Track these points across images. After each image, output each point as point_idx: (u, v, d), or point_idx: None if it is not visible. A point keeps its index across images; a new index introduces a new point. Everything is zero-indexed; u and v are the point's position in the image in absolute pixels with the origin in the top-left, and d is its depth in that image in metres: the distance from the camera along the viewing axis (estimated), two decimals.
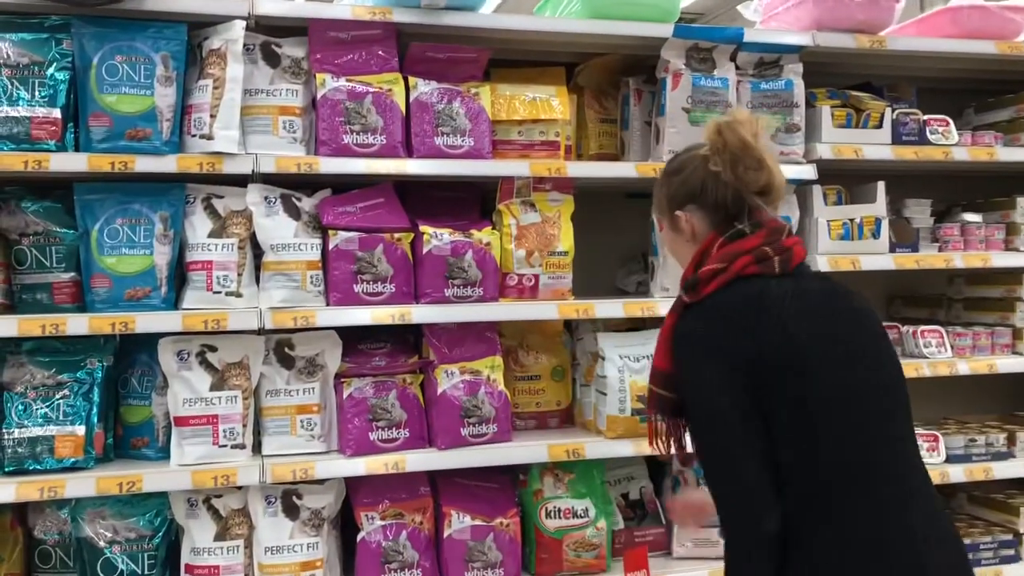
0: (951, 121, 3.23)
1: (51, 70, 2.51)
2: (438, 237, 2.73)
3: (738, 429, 1.71)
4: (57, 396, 2.56)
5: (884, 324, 3.30)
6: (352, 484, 2.75)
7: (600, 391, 2.89)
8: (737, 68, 3.01)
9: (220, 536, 2.61)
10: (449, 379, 2.76)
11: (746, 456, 1.70)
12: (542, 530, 2.81)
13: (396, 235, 2.74)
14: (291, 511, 2.64)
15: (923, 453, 3.04)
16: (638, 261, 3.32)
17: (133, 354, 2.72)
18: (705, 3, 9.55)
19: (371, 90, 2.70)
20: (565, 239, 2.87)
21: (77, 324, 2.46)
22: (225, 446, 2.60)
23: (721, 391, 1.72)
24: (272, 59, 2.69)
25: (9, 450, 2.50)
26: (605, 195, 3.29)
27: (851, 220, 3.10)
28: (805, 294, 1.81)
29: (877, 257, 3.11)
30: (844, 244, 3.09)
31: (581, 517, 2.84)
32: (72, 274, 2.60)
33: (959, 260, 3.21)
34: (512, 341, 3.02)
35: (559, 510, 2.81)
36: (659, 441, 1.99)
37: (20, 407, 2.53)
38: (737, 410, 1.71)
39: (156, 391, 2.69)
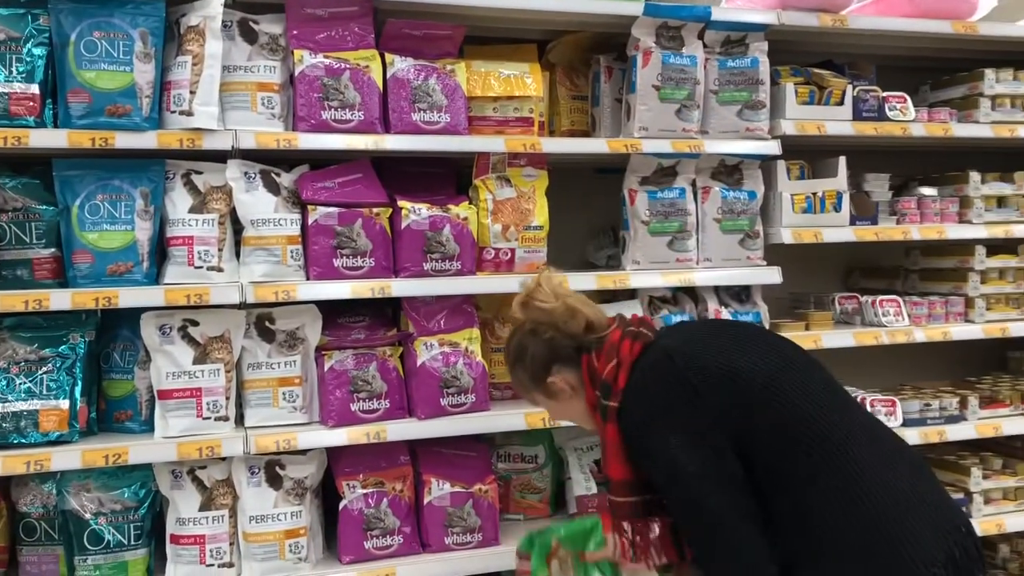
0: (908, 98, 3.34)
1: (28, 46, 2.51)
2: (416, 212, 2.79)
3: (719, 489, 1.80)
4: (40, 371, 2.58)
5: (844, 295, 3.47)
6: (334, 454, 2.81)
7: None
8: (705, 46, 3.09)
9: (205, 506, 2.65)
10: (428, 351, 2.82)
11: (740, 522, 1.79)
12: None
13: (375, 210, 2.79)
14: (274, 481, 2.69)
15: (881, 417, 3.22)
16: (608, 235, 3.40)
17: (115, 329, 2.74)
18: None
19: (348, 66, 2.73)
20: (540, 214, 2.94)
21: (60, 299, 2.49)
22: (209, 418, 2.65)
23: (693, 462, 1.81)
24: (250, 36, 2.71)
25: None
26: (576, 171, 3.36)
27: (814, 194, 3.22)
28: (688, 329, 2.09)
29: (838, 230, 3.23)
30: (807, 217, 3.20)
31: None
32: (52, 250, 2.61)
33: (916, 232, 3.34)
34: (488, 314, 3.09)
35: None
36: (640, 554, 2.04)
37: (3, 382, 2.55)
38: (711, 469, 1.81)
39: (139, 365, 2.71)
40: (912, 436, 3.25)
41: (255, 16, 2.73)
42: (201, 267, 2.65)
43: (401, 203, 2.80)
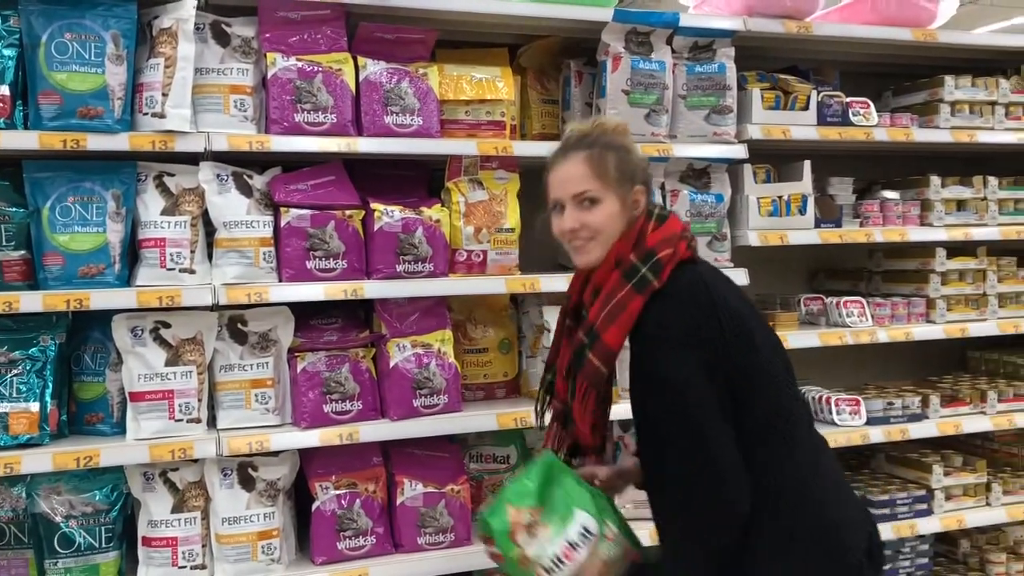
0: (871, 103, 3.42)
1: None
2: (389, 214, 2.81)
3: (715, 416, 1.80)
4: (10, 374, 2.56)
5: (810, 296, 3.53)
6: (306, 455, 2.82)
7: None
8: (673, 52, 3.14)
9: (177, 508, 2.65)
10: (401, 352, 2.84)
11: (721, 440, 1.80)
12: None
13: (347, 212, 2.80)
14: (247, 482, 2.70)
15: (846, 416, 3.31)
16: None
17: (85, 331, 2.74)
18: None
19: (321, 69, 2.75)
20: (512, 216, 2.98)
21: (31, 301, 2.48)
22: (181, 420, 2.65)
23: (697, 379, 1.80)
24: (222, 38, 2.71)
25: None
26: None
27: (779, 197, 3.28)
28: (717, 272, 2.00)
29: (803, 232, 3.29)
30: (773, 220, 3.27)
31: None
32: (22, 252, 2.59)
33: (879, 235, 3.41)
34: (461, 315, 3.12)
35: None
36: (584, 410, 1.97)
37: None
38: (712, 398, 1.81)
39: (110, 367, 2.71)
40: (876, 434, 3.32)
41: (228, 19, 2.74)
42: (173, 269, 2.65)
43: (374, 205, 2.81)
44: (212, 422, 2.74)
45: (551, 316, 3.02)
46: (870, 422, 3.36)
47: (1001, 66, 3.76)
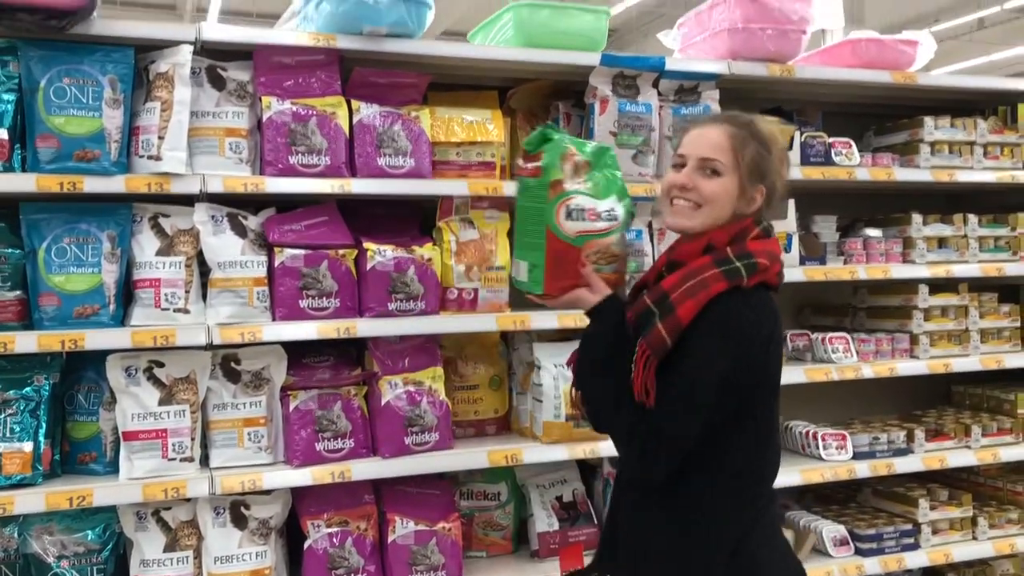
0: (853, 143, 3.50)
1: None
2: (381, 253, 2.85)
3: (709, 410, 1.82)
4: (4, 413, 2.57)
5: (796, 332, 3.58)
6: (298, 493, 2.83)
7: (536, 398, 3.05)
8: (659, 94, 3.22)
9: (170, 547, 2.66)
10: (392, 390, 2.87)
11: (695, 424, 1.82)
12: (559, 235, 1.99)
13: (340, 251, 2.84)
14: (239, 521, 2.71)
15: (832, 451, 3.34)
16: None
17: (79, 371, 2.75)
18: (615, 21, 9.93)
19: (315, 112, 2.80)
20: (502, 254, 3.02)
21: (26, 342, 2.50)
22: (174, 459, 2.66)
23: (723, 372, 1.80)
24: (218, 82, 2.77)
25: None
26: None
27: None
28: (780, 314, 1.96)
29: (789, 270, 3.28)
30: None
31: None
32: (18, 292, 2.62)
33: (863, 272, 3.47)
34: (452, 352, 3.15)
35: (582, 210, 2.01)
36: (644, 371, 1.85)
37: None
38: (718, 402, 1.82)
39: (103, 407, 2.72)
40: (862, 468, 3.36)
41: (223, 63, 2.79)
42: (168, 309, 2.68)
43: (367, 244, 2.86)
44: (204, 460, 2.76)
45: (541, 353, 3.07)
46: (856, 456, 3.40)
47: (979, 107, 3.85)
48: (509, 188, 3.00)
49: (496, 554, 3.15)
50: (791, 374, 3.32)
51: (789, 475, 3.25)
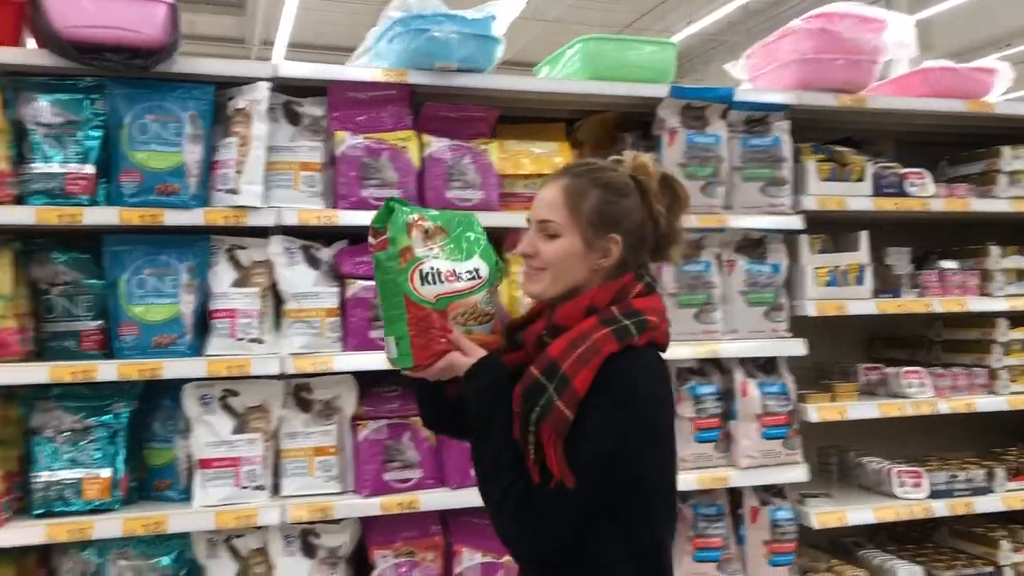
0: (927, 173, 3.43)
1: (85, 129, 2.64)
2: None
3: (605, 477, 1.68)
4: (84, 440, 2.64)
5: (869, 366, 3.50)
6: (366, 523, 2.85)
7: None
8: (728, 125, 3.20)
9: (241, 575, 2.69)
10: None
11: (586, 504, 1.68)
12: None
13: None
14: (309, 550, 2.74)
15: (908, 488, 3.25)
16: None
17: (156, 399, 2.82)
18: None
19: (387, 147, 2.85)
20: None
21: (107, 371, 2.57)
22: (247, 487, 2.70)
23: (620, 445, 1.68)
24: (293, 118, 2.84)
25: (38, 493, 2.58)
26: None
27: (836, 267, 3.29)
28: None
29: (861, 303, 3.29)
30: (830, 290, 3.27)
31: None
32: (99, 322, 2.71)
33: (938, 305, 3.39)
34: None
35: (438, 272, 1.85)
36: (557, 457, 1.69)
37: (49, 451, 2.62)
38: (608, 473, 1.68)
39: (179, 434, 2.78)
40: (940, 507, 3.26)
41: (299, 99, 2.86)
42: (243, 339, 2.73)
43: None
44: (275, 489, 2.79)
45: None
46: (933, 495, 3.30)
47: None
48: None
49: None
50: (864, 409, 3.25)
51: (861, 512, 3.18)
